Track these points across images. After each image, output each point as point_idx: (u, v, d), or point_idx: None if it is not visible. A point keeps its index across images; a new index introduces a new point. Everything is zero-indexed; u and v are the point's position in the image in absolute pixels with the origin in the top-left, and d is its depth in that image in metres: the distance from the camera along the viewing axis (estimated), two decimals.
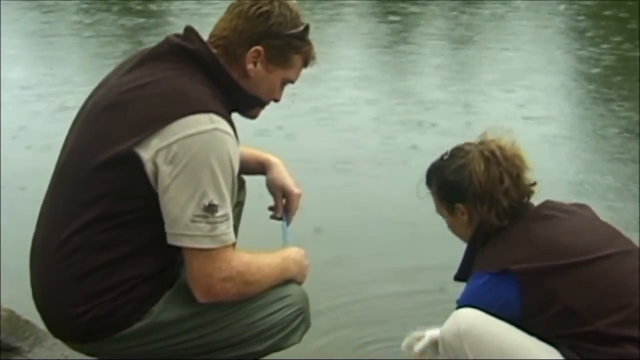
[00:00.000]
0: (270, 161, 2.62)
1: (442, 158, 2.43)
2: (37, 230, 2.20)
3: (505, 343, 2.16)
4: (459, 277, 2.43)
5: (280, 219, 2.60)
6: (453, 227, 2.46)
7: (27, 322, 2.80)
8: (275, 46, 2.17)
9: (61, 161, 2.19)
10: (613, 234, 2.31)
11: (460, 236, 2.45)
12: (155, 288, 2.13)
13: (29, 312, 2.25)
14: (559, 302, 2.13)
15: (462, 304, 2.26)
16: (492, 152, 2.32)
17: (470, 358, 2.16)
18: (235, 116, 2.19)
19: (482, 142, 2.37)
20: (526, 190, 2.35)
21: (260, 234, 2.54)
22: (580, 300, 2.13)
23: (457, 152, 2.39)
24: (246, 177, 2.60)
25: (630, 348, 2.08)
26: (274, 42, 2.16)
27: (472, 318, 2.19)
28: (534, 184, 2.36)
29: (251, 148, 2.64)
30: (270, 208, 2.63)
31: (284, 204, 2.60)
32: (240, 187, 2.65)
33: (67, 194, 2.12)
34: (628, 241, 2.30)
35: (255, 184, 2.63)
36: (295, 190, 2.59)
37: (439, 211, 2.48)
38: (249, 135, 2.51)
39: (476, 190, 2.31)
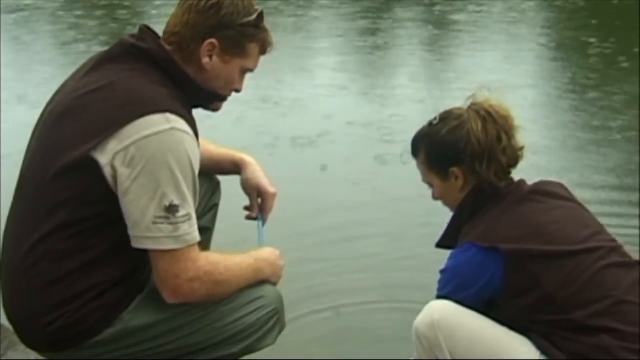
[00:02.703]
0: (244, 161, 2.59)
1: (430, 124, 2.36)
2: (4, 241, 2.18)
3: (479, 333, 2.14)
4: (441, 244, 2.37)
5: (255, 219, 2.57)
6: (444, 194, 2.37)
7: (1, 326, 2.77)
8: (230, 37, 2.13)
9: (23, 171, 2.17)
10: (600, 229, 2.28)
11: (451, 204, 2.36)
12: (125, 293, 2.10)
13: (3, 315, 2.21)
14: (540, 288, 2.10)
15: (448, 275, 2.23)
16: (488, 112, 2.27)
17: (445, 348, 2.14)
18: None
19: (474, 104, 2.31)
20: (518, 153, 2.29)
21: None
22: (562, 289, 2.10)
23: (448, 116, 2.33)
24: None
25: (607, 338, 2.05)
26: (228, 33, 2.12)
27: (446, 309, 2.17)
28: (523, 148, 2.31)
29: (225, 148, 2.62)
30: (246, 208, 2.60)
31: (259, 204, 2.57)
32: (215, 189, 2.63)
33: (29, 203, 2.10)
34: (612, 238, 2.27)
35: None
36: (271, 189, 2.57)
37: (427, 180, 2.40)
38: None
39: (474, 149, 2.25)
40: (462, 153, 2.26)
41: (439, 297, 2.24)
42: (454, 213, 2.35)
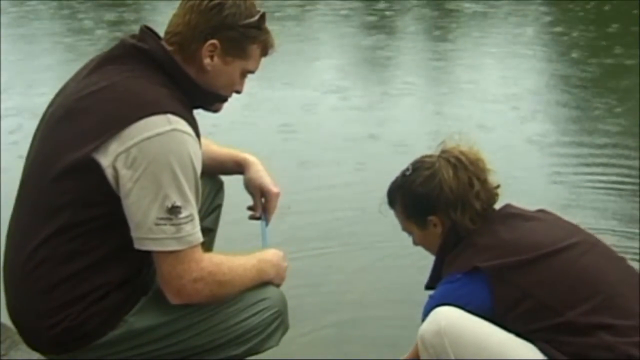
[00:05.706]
0: (247, 160, 2.58)
1: (403, 174, 2.41)
2: (7, 244, 2.17)
3: (486, 339, 2.14)
4: (430, 286, 2.40)
5: (259, 218, 2.56)
6: (424, 242, 2.44)
7: (3, 325, 2.76)
8: (231, 38, 2.12)
9: (24, 174, 2.16)
10: (574, 228, 2.31)
11: (432, 249, 2.42)
12: (128, 295, 2.10)
13: (5, 315, 2.21)
14: (529, 296, 2.12)
15: (435, 302, 2.23)
16: (458, 159, 2.32)
17: (451, 354, 2.13)
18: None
19: (444, 151, 2.37)
20: (493, 193, 2.34)
21: None
22: (550, 292, 2.12)
23: (420, 165, 2.38)
24: None
25: (605, 335, 2.05)
26: (230, 34, 2.11)
27: (452, 315, 2.16)
28: (498, 186, 2.36)
29: (228, 148, 2.61)
30: (249, 208, 2.59)
31: (262, 204, 2.56)
32: (218, 189, 2.62)
33: (31, 206, 2.10)
34: (590, 234, 2.30)
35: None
36: (274, 189, 2.56)
37: (406, 229, 2.46)
38: None
39: (448, 197, 2.30)
40: (436, 202, 2.32)
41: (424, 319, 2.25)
42: (436, 256, 2.40)
